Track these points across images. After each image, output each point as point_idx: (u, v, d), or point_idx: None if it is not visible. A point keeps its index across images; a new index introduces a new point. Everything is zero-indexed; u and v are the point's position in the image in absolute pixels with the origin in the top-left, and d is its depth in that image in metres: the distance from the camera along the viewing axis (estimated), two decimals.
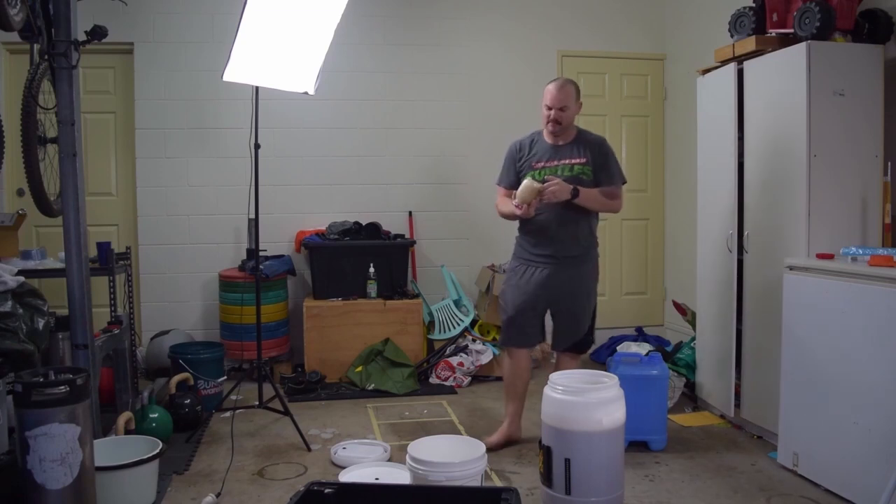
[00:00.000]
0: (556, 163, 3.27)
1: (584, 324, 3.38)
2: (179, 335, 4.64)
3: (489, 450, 3.16)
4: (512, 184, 3.35)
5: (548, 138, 3.33)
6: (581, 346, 3.43)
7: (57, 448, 2.27)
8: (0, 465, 2.43)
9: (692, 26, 5.04)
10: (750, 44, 3.47)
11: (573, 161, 3.26)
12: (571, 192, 3.15)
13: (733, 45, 3.61)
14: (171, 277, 4.92)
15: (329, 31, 3.43)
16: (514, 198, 3.19)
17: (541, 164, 3.29)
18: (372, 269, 4.70)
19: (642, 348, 4.32)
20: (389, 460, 3.19)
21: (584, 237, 3.31)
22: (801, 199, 3.17)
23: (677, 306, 4.81)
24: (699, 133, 4.00)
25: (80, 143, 2.86)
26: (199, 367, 3.97)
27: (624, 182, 3.36)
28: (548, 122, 3.26)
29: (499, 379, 4.67)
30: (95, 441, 2.50)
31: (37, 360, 2.77)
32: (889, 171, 3.18)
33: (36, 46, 2.95)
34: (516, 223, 3.41)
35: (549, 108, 3.23)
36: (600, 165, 3.27)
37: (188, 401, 3.66)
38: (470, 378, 4.61)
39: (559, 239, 3.25)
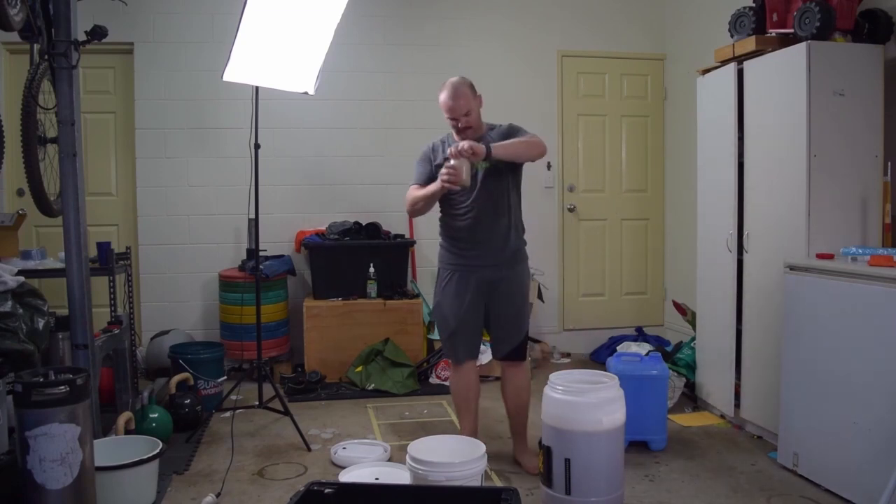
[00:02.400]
0: None
1: (524, 327, 3.20)
2: (179, 335, 4.64)
3: None
4: (428, 181, 3.12)
5: (460, 140, 3.07)
6: (521, 352, 3.21)
7: (57, 448, 2.27)
8: (0, 465, 2.43)
9: (692, 26, 5.04)
10: (750, 44, 3.47)
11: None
12: (486, 149, 2.87)
13: (733, 45, 3.61)
14: (171, 277, 4.92)
15: (329, 31, 3.43)
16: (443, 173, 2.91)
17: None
18: (372, 269, 4.70)
19: (642, 348, 4.33)
20: (389, 460, 3.19)
21: (513, 236, 3.13)
22: (801, 199, 3.17)
23: (677, 306, 4.81)
24: (699, 133, 4.00)
25: (80, 143, 2.86)
26: (199, 367, 3.97)
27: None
28: (458, 133, 3.07)
29: (499, 379, 4.65)
30: (95, 441, 2.50)
31: (37, 360, 2.77)
32: (889, 171, 3.18)
33: (36, 46, 2.95)
34: (433, 229, 3.16)
35: (454, 119, 3.04)
36: (513, 136, 3.05)
37: (188, 401, 3.65)
38: None
39: (489, 239, 3.09)
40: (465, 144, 2.85)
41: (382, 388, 4.36)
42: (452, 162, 2.86)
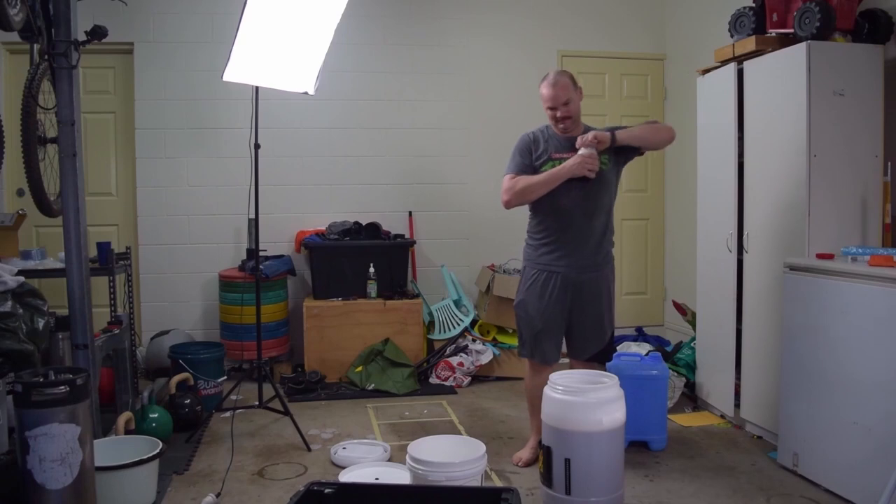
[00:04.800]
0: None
1: (609, 329, 3.19)
2: (179, 335, 4.64)
3: (522, 466, 3.14)
4: (531, 171, 3.07)
5: (559, 132, 3.13)
6: (605, 355, 3.20)
7: (57, 448, 2.27)
8: (0, 465, 2.43)
9: (692, 26, 5.04)
10: (750, 44, 3.47)
11: None
12: (611, 137, 2.98)
13: (733, 45, 3.61)
14: (171, 277, 4.92)
15: (329, 31, 3.43)
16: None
17: (559, 156, 3.05)
18: (372, 269, 4.70)
19: (642, 348, 4.33)
20: (389, 460, 3.19)
21: (605, 238, 3.14)
22: (801, 199, 3.17)
23: (677, 306, 4.81)
24: (699, 133, 4.00)
25: (80, 143, 2.86)
26: (199, 367, 3.97)
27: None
28: (557, 123, 3.08)
29: (499, 379, 4.68)
30: (95, 441, 2.50)
31: (37, 360, 2.76)
32: (889, 171, 3.18)
33: (36, 46, 2.95)
34: (517, 228, 3.21)
35: (553, 109, 3.05)
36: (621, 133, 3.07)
37: (188, 401, 3.65)
38: (470, 378, 4.60)
39: (581, 240, 3.06)
40: (590, 136, 2.95)
41: (382, 388, 4.35)
42: (584, 151, 2.94)
